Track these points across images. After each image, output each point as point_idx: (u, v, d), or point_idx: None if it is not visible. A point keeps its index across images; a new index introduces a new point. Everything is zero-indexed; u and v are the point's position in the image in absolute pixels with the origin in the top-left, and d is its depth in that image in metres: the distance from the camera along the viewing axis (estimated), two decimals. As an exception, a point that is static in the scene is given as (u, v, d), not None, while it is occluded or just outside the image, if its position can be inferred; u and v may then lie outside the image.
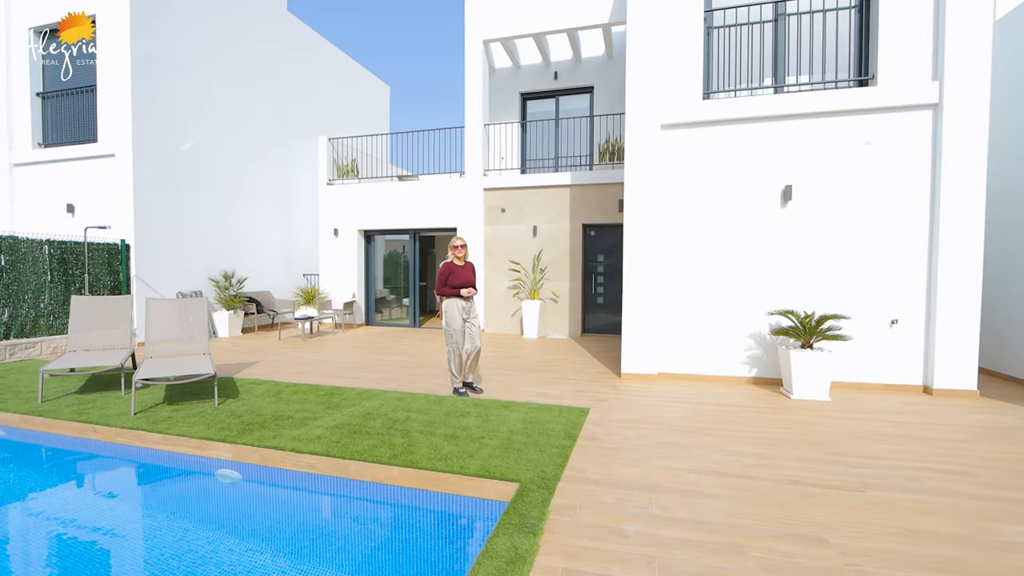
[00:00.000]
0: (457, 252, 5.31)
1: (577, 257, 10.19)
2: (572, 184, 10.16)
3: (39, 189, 9.29)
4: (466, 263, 5.36)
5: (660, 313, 6.26)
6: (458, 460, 3.53)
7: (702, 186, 6.16)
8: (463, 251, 5.33)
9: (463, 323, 5.27)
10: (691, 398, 5.34)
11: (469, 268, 5.36)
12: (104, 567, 2.72)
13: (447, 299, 5.27)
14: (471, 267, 5.40)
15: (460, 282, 5.23)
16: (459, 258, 5.32)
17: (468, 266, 5.37)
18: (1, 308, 7.00)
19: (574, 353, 8.12)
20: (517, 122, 11.36)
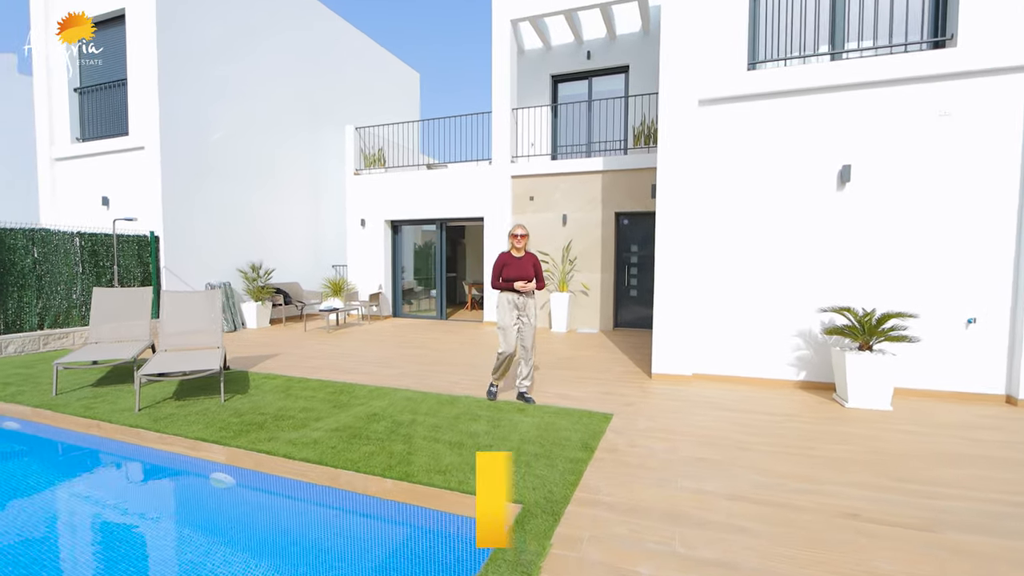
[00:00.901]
0: (516, 242, 4.75)
1: (609, 247, 9.64)
2: (604, 170, 9.59)
3: (77, 182, 9.53)
4: (526, 254, 4.80)
5: (695, 308, 5.70)
6: (458, 473, 3.18)
7: (744, 167, 5.53)
8: (522, 241, 4.74)
9: (515, 320, 4.72)
10: (729, 404, 4.80)
11: (528, 260, 4.77)
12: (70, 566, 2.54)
13: (499, 293, 4.77)
14: (531, 259, 4.80)
15: (515, 275, 4.68)
16: (517, 248, 4.76)
17: (528, 258, 4.78)
18: (35, 299, 7.15)
19: (603, 349, 7.64)
20: (547, 105, 10.84)
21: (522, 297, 4.73)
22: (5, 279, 6.87)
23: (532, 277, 4.72)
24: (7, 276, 6.88)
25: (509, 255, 4.78)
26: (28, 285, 7.10)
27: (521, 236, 4.75)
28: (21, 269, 7.02)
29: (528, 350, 4.81)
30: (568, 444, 3.68)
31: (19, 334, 6.96)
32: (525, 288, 4.65)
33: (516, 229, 4.78)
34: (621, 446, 3.70)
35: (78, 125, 9.65)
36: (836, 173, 5.24)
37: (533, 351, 4.86)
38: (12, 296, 6.96)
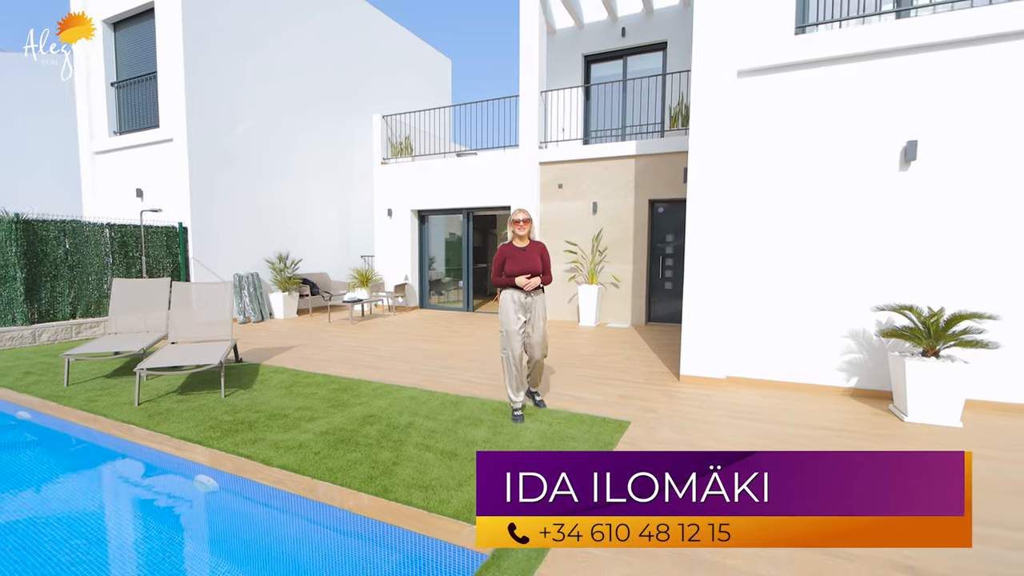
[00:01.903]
0: (517, 229, 3.99)
1: (642, 237, 9.05)
2: (638, 154, 8.97)
3: (114, 175, 9.79)
4: (531, 243, 4.04)
5: (730, 303, 5.12)
6: (440, 491, 2.85)
7: (789, 146, 4.88)
8: (525, 228, 3.99)
9: (521, 324, 3.95)
10: (766, 413, 4.25)
11: (534, 251, 4.01)
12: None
13: (503, 291, 4.03)
14: (538, 249, 4.03)
15: (519, 269, 3.91)
16: (520, 237, 4.01)
17: (533, 248, 4.02)
18: (67, 289, 7.35)
19: (632, 346, 7.13)
20: (579, 86, 10.26)
21: (528, 296, 3.96)
22: (39, 269, 7.07)
23: (539, 271, 3.99)
24: (40, 266, 7.09)
25: (511, 246, 4.05)
26: (60, 275, 7.29)
27: (523, 222, 3.99)
28: (54, 260, 7.22)
29: (536, 356, 4.11)
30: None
31: (52, 323, 7.17)
32: (529, 285, 3.89)
33: (517, 214, 4.01)
34: (633, 462, 3.25)
35: (115, 119, 9.89)
36: (899, 151, 4.52)
37: (542, 361, 4.18)
38: (45, 286, 7.16)
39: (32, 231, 6.96)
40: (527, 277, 3.91)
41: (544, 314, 4.07)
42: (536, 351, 4.07)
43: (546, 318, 4.10)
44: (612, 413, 4.21)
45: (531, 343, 4.03)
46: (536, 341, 4.03)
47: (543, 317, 4.07)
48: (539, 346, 4.05)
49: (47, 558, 2.58)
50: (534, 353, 4.08)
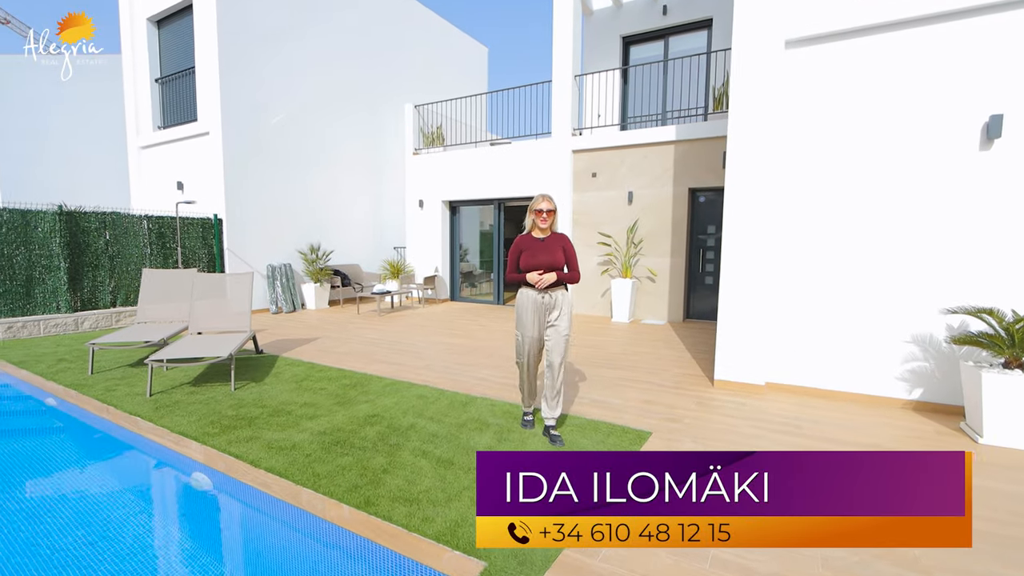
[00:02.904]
0: (539, 220, 3.41)
1: (681, 228, 8.48)
2: (677, 140, 8.40)
3: (158, 168, 10.12)
4: (552, 235, 3.48)
5: (772, 300, 4.60)
6: (426, 506, 2.59)
7: (844, 125, 4.29)
8: (548, 218, 3.41)
9: (538, 327, 3.43)
10: (809, 427, 3.75)
11: (554, 243, 3.44)
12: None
13: (520, 289, 3.50)
14: (560, 242, 3.46)
15: (536, 263, 3.36)
16: (541, 228, 3.44)
17: (554, 239, 3.45)
18: (107, 278, 7.61)
19: (665, 345, 6.66)
20: (616, 69, 9.72)
21: (548, 295, 3.39)
22: (81, 259, 7.35)
23: (560, 265, 3.42)
24: (83, 256, 7.36)
25: (529, 237, 3.49)
26: (101, 265, 7.56)
27: (547, 213, 3.40)
28: (95, 250, 7.49)
29: (556, 369, 3.44)
30: (578, 473, 2.94)
31: (94, 311, 7.45)
32: (542, 283, 3.32)
33: (540, 202, 3.42)
34: (647, 481, 2.88)
35: (159, 114, 10.21)
36: (980, 127, 3.87)
37: (562, 370, 3.48)
38: (88, 276, 7.44)
39: (75, 223, 7.23)
40: (539, 273, 3.34)
41: (569, 315, 3.47)
42: (556, 355, 3.45)
43: (570, 318, 3.48)
44: (632, 421, 3.83)
45: (550, 345, 3.45)
46: (557, 343, 3.42)
47: (566, 319, 3.43)
48: (560, 349, 3.44)
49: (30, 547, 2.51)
50: (553, 357, 3.46)
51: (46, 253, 6.96)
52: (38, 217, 6.88)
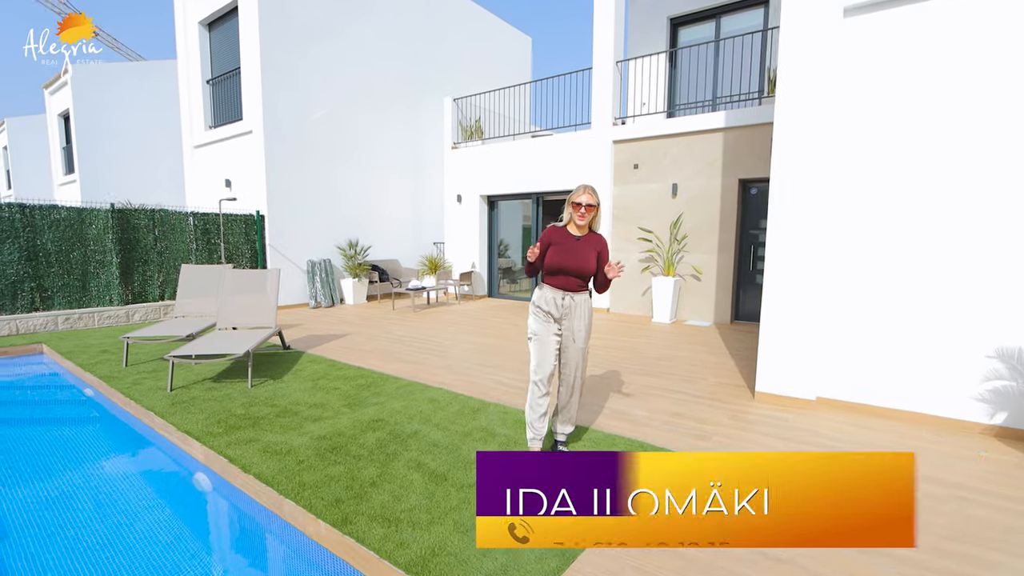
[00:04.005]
0: (577, 215, 2.94)
1: (730, 223, 7.85)
2: (727, 127, 7.76)
3: (209, 166, 10.53)
4: (589, 234, 3.03)
5: (826, 301, 4.05)
6: (406, 528, 2.37)
7: (916, 102, 3.67)
8: (588, 214, 2.93)
9: (554, 335, 2.97)
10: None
11: (590, 245, 2.98)
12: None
13: (537, 288, 3.09)
14: (596, 244, 3.01)
15: (562, 264, 2.92)
16: (579, 225, 2.98)
17: (590, 240, 3.00)
18: (156, 273, 7.97)
19: (707, 349, 6.14)
20: (662, 52, 9.14)
21: (568, 297, 2.95)
22: (132, 255, 7.73)
23: (590, 272, 2.96)
24: (133, 252, 7.74)
25: (564, 231, 3.01)
26: (150, 260, 7.92)
27: (587, 208, 2.91)
28: (144, 246, 7.85)
29: (571, 387, 3.04)
30: (582, 498, 2.62)
31: (144, 304, 7.82)
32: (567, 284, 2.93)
33: (580, 194, 2.92)
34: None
35: (210, 114, 10.61)
36: (1094, 96, 3.18)
37: (579, 389, 3.06)
38: (138, 270, 7.82)
39: (126, 220, 7.60)
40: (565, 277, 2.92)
41: (588, 321, 3.01)
42: (572, 368, 3.01)
43: (590, 326, 3.04)
44: (654, 437, 3.46)
45: (566, 357, 3.00)
46: (574, 354, 2.99)
47: (586, 325, 2.99)
48: (577, 361, 3.01)
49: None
50: (569, 371, 3.02)
51: (100, 249, 7.36)
52: (92, 215, 7.28)
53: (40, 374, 5.72)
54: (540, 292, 3.03)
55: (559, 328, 2.98)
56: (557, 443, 3.18)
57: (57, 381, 5.49)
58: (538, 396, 2.99)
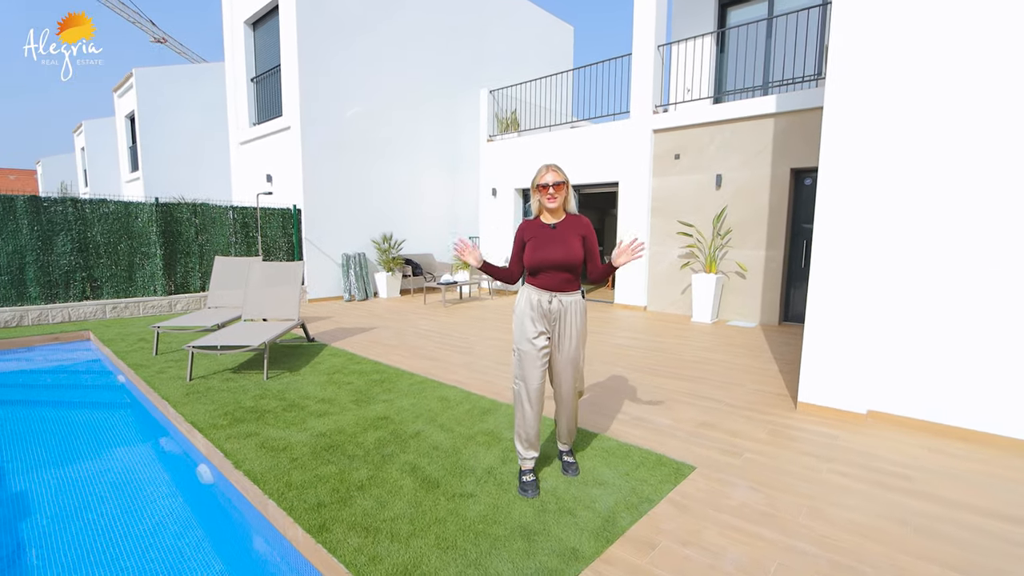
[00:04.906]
0: (546, 198, 2.53)
1: (780, 216, 7.25)
2: (778, 112, 7.16)
3: (252, 162, 10.83)
4: (566, 218, 2.61)
5: (881, 301, 3.55)
6: (383, 540, 2.18)
7: (996, 70, 3.12)
8: (558, 195, 2.51)
9: (541, 345, 2.54)
10: (929, 482, 2.76)
11: (570, 230, 2.57)
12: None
13: (520, 289, 2.67)
14: (576, 227, 2.60)
15: (545, 259, 2.51)
16: (550, 210, 2.58)
17: (569, 225, 2.59)
18: (197, 264, 8.23)
19: (749, 352, 5.66)
20: (711, 33, 8.57)
21: (555, 299, 2.53)
22: (175, 247, 8.01)
23: (576, 261, 2.53)
24: (176, 244, 8.02)
25: (537, 223, 2.62)
26: (192, 252, 8.19)
27: (555, 187, 2.50)
28: (186, 239, 8.12)
29: (564, 403, 2.68)
30: (578, 521, 2.35)
31: (185, 295, 8.10)
32: (548, 283, 2.53)
33: (544, 173, 2.52)
34: (670, 547, 2.21)
35: (254, 111, 10.91)
36: None
37: (573, 405, 2.69)
38: (180, 262, 8.10)
39: (169, 214, 7.89)
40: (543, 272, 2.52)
41: (580, 327, 2.58)
42: (564, 382, 2.63)
43: (584, 334, 2.62)
44: (676, 450, 3.11)
45: (556, 369, 2.61)
46: (564, 367, 2.59)
47: (578, 332, 2.58)
48: (568, 375, 2.61)
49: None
50: (560, 385, 2.65)
51: (145, 241, 7.67)
52: (138, 209, 7.59)
53: (83, 360, 5.98)
54: (522, 295, 2.61)
55: (547, 336, 2.57)
56: (561, 453, 2.89)
57: (97, 367, 5.70)
58: (527, 412, 2.57)
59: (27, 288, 6.81)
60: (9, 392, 4.96)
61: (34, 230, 6.78)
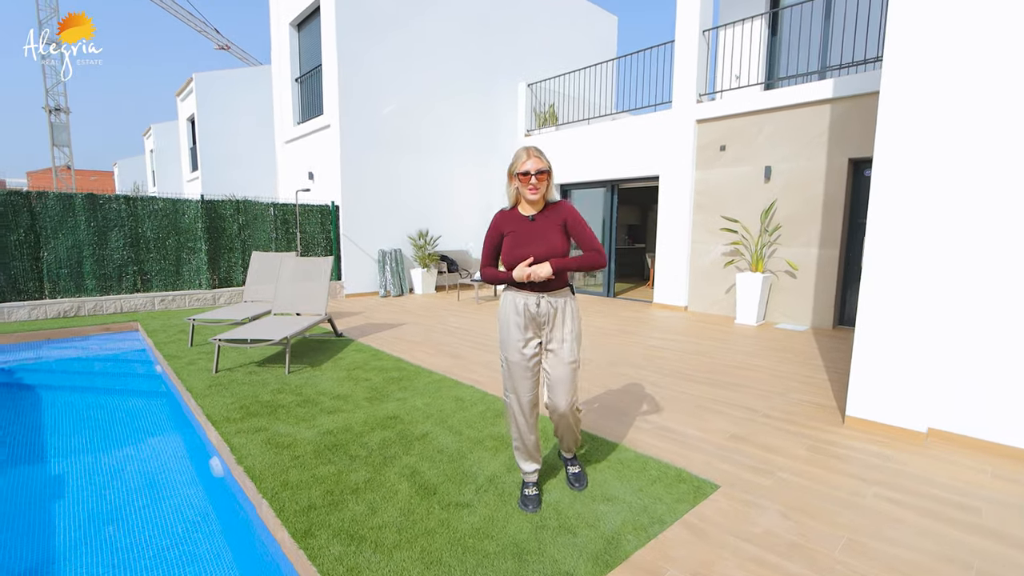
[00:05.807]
0: (527, 188, 2.23)
1: (835, 210, 6.68)
2: (836, 97, 6.59)
3: (295, 160, 11.11)
4: (546, 208, 2.31)
5: (943, 303, 3.12)
6: (366, 550, 2.05)
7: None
8: (541, 184, 2.23)
9: (531, 347, 2.31)
10: (996, 520, 2.36)
11: (550, 221, 2.29)
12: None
13: (504, 291, 2.40)
14: (558, 216, 2.29)
15: (524, 253, 2.24)
16: (531, 201, 2.28)
17: (549, 216, 2.30)
18: (239, 259, 8.51)
19: (796, 358, 5.21)
20: (763, 14, 8.01)
21: (544, 301, 2.27)
22: (219, 242, 8.31)
23: (560, 253, 2.25)
24: (220, 240, 8.32)
25: (514, 215, 2.33)
26: (234, 248, 8.47)
27: (538, 175, 2.21)
28: (229, 235, 8.41)
29: (561, 416, 2.38)
30: (581, 542, 2.14)
31: (228, 288, 8.40)
32: (537, 275, 2.17)
33: (524, 160, 2.22)
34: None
35: (298, 110, 11.19)
36: None
37: (572, 417, 2.40)
38: (224, 257, 8.40)
39: (213, 210, 8.19)
40: (527, 263, 2.21)
41: (575, 330, 2.33)
42: (560, 395, 2.32)
43: (579, 334, 2.37)
44: (699, 466, 2.83)
45: (550, 381, 2.33)
46: (559, 376, 2.31)
47: (573, 335, 2.32)
48: (565, 386, 2.31)
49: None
50: (555, 399, 2.34)
51: (191, 237, 8.00)
52: (185, 205, 7.92)
53: (129, 349, 6.27)
54: (506, 299, 2.33)
55: (538, 343, 2.32)
56: (566, 462, 2.68)
57: (141, 356, 5.96)
58: (522, 424, 2.36)
59: (84, 280, 7.24)
60: (63, 379, 5.25)
61: (91, 226, 7.19)
